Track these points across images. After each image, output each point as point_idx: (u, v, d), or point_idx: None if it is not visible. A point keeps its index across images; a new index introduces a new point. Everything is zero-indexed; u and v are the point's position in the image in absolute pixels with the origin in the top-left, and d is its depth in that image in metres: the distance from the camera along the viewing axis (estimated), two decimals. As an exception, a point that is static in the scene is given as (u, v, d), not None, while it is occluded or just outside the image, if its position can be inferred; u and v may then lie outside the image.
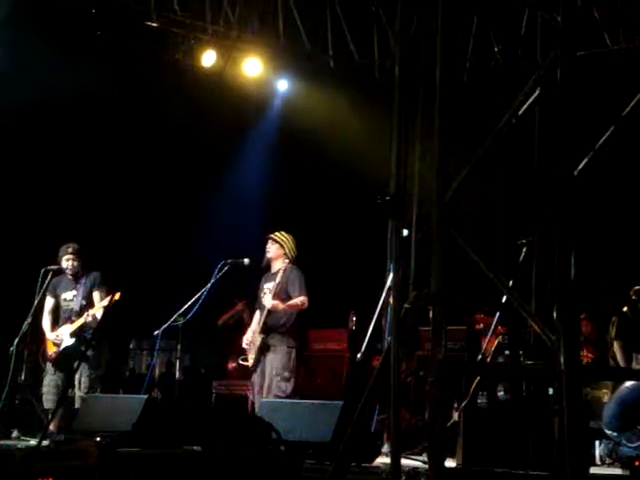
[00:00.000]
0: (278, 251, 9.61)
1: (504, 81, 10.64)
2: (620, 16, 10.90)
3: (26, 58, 11.27)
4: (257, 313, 9.62)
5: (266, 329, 9.41)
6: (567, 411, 4.76)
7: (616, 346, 9.00)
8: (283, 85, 13.06)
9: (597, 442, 8.58)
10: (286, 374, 9.26)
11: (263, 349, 9.39)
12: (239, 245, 10.15)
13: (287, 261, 9.60)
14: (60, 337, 9.77)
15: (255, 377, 9.45)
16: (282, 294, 9.49)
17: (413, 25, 7.55)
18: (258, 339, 9.42)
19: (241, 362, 9.67)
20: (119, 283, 9.88)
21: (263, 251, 9.64)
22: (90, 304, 9.77)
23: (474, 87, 11.46)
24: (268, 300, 9.43)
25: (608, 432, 8.45)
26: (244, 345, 9.60)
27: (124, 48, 11.95)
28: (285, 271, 9.54)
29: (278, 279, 9.49)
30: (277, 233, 9.65)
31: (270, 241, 9.63)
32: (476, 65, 11.80)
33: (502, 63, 11.50)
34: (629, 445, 8.30)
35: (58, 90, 11.76)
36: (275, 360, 9.31)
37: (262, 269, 9.73)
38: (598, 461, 8.47)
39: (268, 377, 9.28)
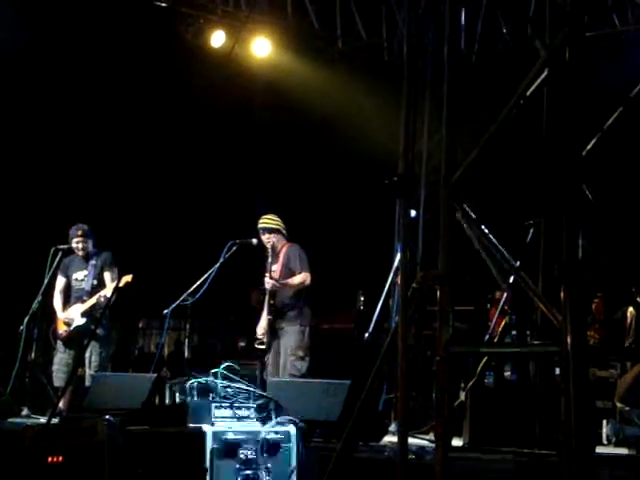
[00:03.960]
0: (276, 236, 9.64)
1: (512, 62, 10.63)
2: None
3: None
4: (266, 297, 9.64)
5: (274, 310, 9.44)
6: (573, 391, 4.78)
7: None
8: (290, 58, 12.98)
9: (604, 422, 8.61)
10: (300, 353, 9.28)
11: (274, 331, 9.42)
12: (247, 225, 10.16)
13: (284, 240, 9.65)
14: (71, 317, 9.83)
15: (269, 357, 9.47)
16: (285, 273, 9.52)
17: (421, 5, 7.56)
18: (267, 321, 9.45)
19: (257, 346, 9.67)
20: (129, 263, 9.93)
21: (260, 242, 9.65)
22: (101, 284, 9.81)
23: (482, 68, 11.44)
24: (267, 280, 9.46)
25: (620, 406, 8.48)
26: (259, 335, 9.60)
27: (134, 27, 11.96)
28: (285, 250, 9.60)
29: (279, 259, 9.55)
30: (265, 220, 9.65)
31: (263, 231, 9.63)
32: (484, 46, 11.78)
33: (510, 44, 11.48)
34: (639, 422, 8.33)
35: (70, 71, 11.84)
36: (289, 340, 9.32)
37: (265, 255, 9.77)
38: (605, 441, 8.49)
39: (283, 356, 9.30)
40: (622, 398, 8.46)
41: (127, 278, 9.33)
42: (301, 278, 9.45)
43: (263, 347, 9.54)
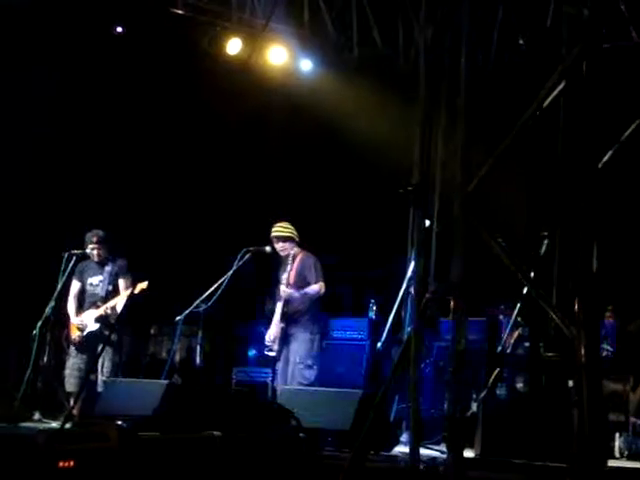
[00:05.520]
0: (290, 244, 9.65)
1: (529, 73, 10.62)
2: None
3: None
4: (278, 304, 9.64)
5: (286, 318, 9.45)
6: (586, 403, 4.77)
7: None
8: (307, 66, 12.93)
9: (617, 435, 8.57)
10: (309, 362, 9.30)
11: (285, 338, 9.43)
12: (261, 232, 10.16)
13: (298, 248, 9.66)
14: (85, 322, 9.85)
15: (279, 365, 9.48)
16: (299, 281, 9.53)
17: (438, 14, 7.56)
18: (279, 329, 9.45)
19: (266, 353, 9.67)
20: (142, 268, 9.95)
21: (274, 250, 9.64)
22: (116, 290, 9.85)
23: (499, 78, 11.43)
24: (283, 289, 9.47)
25: (633, 420, 8.45)
26: (267, 342, 9.59)
27: (149, 35, 12.00)
28: (300, 258, 9.60)
29: (293, 268, 9.55)
30: (278, 229, 9.66)
31: (277, 239, 9.64)
32: (501, 56, 11.77)
33: (527, 55, 11.46)
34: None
35: (85, 76, 11.89)
36: (298, 348, 9.34)
37: (277, 261, 9.77)
38: (617, 454, 8.45)
39: (291, 365, 9.31)
40: (636, 412, 8.45)
41: (142, 285, 9.39)
42: (317, 288, 9.47)
43: (273, 354, 9.54)
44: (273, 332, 9.54)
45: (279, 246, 9.63)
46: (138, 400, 8.07)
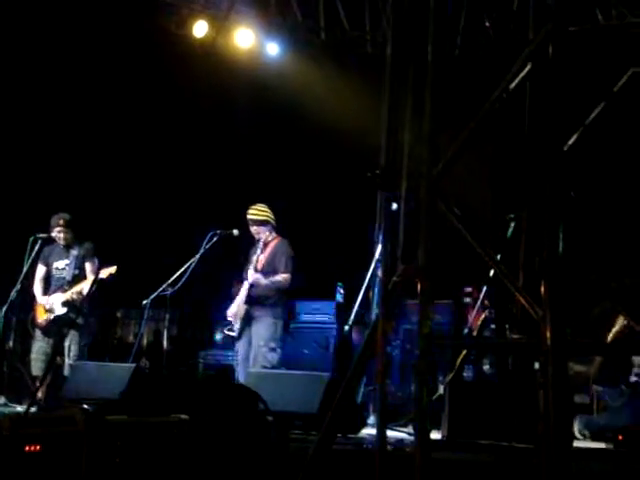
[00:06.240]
0: (265, 228, 9.62)
1: (495, 56, 10.65)
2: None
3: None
4: (244, 283, 9.63)
5: (251, 300, 9.45)
6: (552, 385, 4.79)
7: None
8: (273, 49, 12.87)
9: (576, 418, 8.61)
10: (272, 344, 9.31)
11: (248, 319, 9.44)
12: (229, 215, 10.14)
13: (273, 233, 9.62)
14: (52, 305, 9.79)
15: (240, 345, 9.49)
16: (268, 267, 9.52)
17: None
18: (243, 309, 9.46)
19: (227, 332, 9.71)
20: (109, 252, 9.91)
21: (247, 232, 9.62)
22: (82, 274, 9.80)
23: (465, 62, 11.45)
24: (251, 273, 9.46)
25: (594, 387, 8.52)
26: (229, 318, 9.63)
27: (114, 17, 11.91)
28: (273, 244, 9.57)
29: (266, 251, 9.53)
30: (254, 211, 9.61)
31: (252, 223, 9.60)
32: (468, 40, 11.79)
33: (494, 38, 11.49)
34: (612, 404, 8.37)
35: (49, 60, 11.80)
36: (261, 331, 9.35)
37: (248, 241, 9.76)
38: (579, 435, 8.51)
39: (254, 347, 9.32)
40: (595, 379, 8.52)
41: (111, 270, 9.36)
42: (282, 279, 9.45)
43: (233, 334, 9.56)
44: (234, 310, 9.55)
45: (254, 229, 9.59)
46: (105, 383, 8.07)
